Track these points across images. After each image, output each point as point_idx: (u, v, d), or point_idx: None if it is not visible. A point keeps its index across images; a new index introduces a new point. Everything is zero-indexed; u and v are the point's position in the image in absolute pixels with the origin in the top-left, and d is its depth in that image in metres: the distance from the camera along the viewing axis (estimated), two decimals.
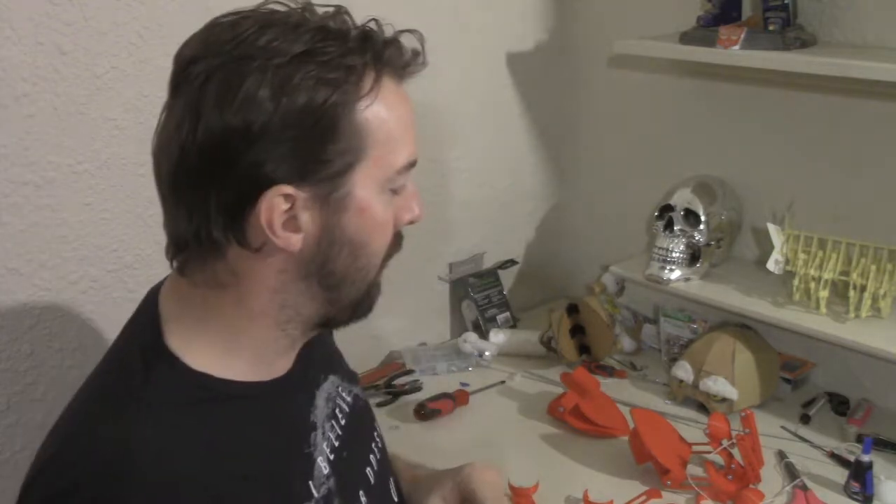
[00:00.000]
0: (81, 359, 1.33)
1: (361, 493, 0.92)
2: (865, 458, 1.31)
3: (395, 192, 0.82)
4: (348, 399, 0.98)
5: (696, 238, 1.60)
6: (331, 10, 0.78)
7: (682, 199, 1.62)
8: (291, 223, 0.76)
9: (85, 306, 1.33)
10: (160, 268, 1.39)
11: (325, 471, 0.87)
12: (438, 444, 1.47)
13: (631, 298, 1.89)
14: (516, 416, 1.59)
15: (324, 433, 0.89)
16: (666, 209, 1.64)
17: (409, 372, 1.72)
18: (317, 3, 0.81)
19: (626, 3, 1.82)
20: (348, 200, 0.77)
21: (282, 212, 0.75)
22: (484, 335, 1.83)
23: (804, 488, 1.35)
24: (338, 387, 0.97)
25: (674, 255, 1.61)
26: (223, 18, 0.77)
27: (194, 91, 0.74)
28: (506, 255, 2.00)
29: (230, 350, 0.82)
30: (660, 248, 1.62)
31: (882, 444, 1.45)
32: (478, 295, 1.89)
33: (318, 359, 0.94)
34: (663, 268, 1.62)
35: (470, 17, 1.76)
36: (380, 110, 0.77)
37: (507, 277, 1.99)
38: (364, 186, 0.78)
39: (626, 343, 1.81)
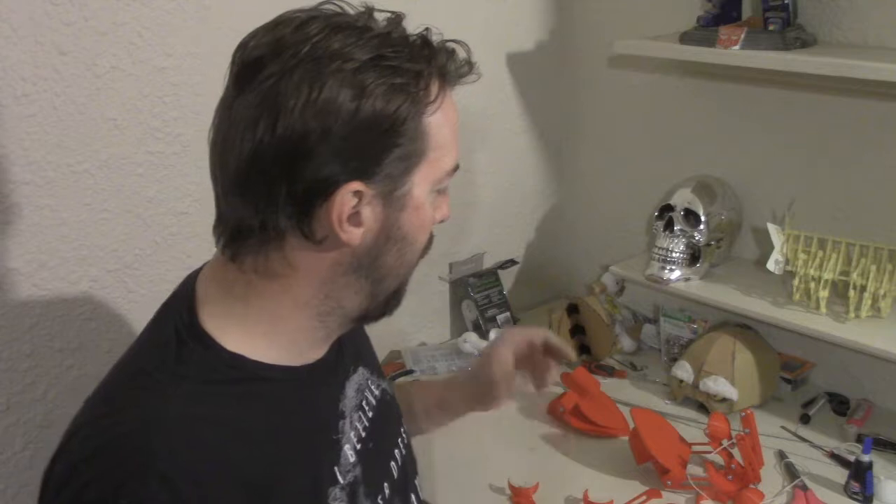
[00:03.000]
0: (81, 359, 1.33)
1: (386, 485, 0.94)
2: (865, 458, 1.31)
3: (438, 193, 0.86)
4: (376, 392, 1.00)
5: (696, 238, 1.60)
6: (391, 15, 0.82)
7: (682, 199, 1.62)
8: (355, 218, 0.79)
9: (85, 306, 1.33)
10: (160, 268, 1.40)
11: (352, 459, 0.89)
12: (438, 443, 1.47)
13: (631, 298, 1.89)
14: (516, 416, 1.59)
15: (351, 422, 0.91)
16: (666, 209, 1.64)
17: (409, 372, 1.72)
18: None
19: (626, 4, 1.82)
20: (407, 199, 0.81)
21: (350, 207, 0.78)
22: (484, 335, 1.84)
23: (804, 488, 1.35)
24: (367, 379, 0.99)
25: (674, 255, 1.61)
26: (290, 16, 0.79)
27: (269, 89, 0.76)
28: (506, 255, 2.00)
29: (266, 335, 0.83)
30: (660, 248, 1.62)
31: (882, 444, 1.45)
32: (478, 295, 1.89)
33: (349, 349, 0.97)
34: (663, 268, 1.62)
35: (470, 17, 1.76)
36: (440, 116, 0.81)
37: (507, 277, 1.99)
38: (420, 186, 0.82)
39: (626, 343, 1.81)
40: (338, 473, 0.86)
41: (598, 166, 2.00)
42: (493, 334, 1.81)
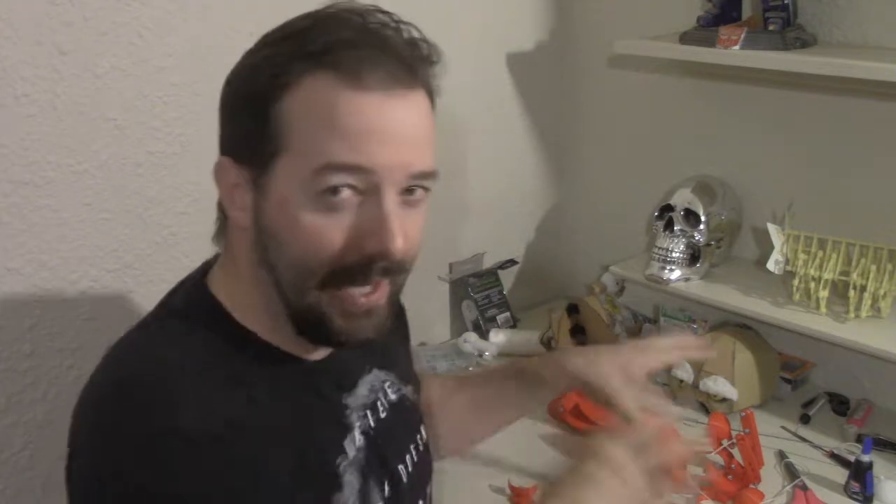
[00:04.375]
0: (81, 359, 1.33)
1: (386, 482, 0.92)
2: (865, 458, 1.31)
3: (333, 201, 0.75)
4: (393, 397, 0.98)
5: (696, 238, 1.60)
6: (392, 21, 0.79)
7: (682, 199, 1.62)
8: (240, 199, 0.80)
9: (85, 306, 1.33)
10: (160, 268, 1.40)
11: (360, 443, 0.89)
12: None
13: (631, 298, 1.89)
14: None
15: (359, 416, 0.91)
16: (666, 209, 1.64)
17: None
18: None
19: (626, 3, 1.82)
20: (269, 188, 0.78)
21: (230, 184, 0.80)
22: (484, 335, 1.83)
23: (804, 488, 1.35)
24: (384, 382, 0.98)
25: (674, 255, 1.61)
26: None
27: None
28: (506, 255, 2.00)
29: (266, 319, 0.84)
30: (660, 248, 1.62)
31: (882, 444, 1.45)
32: (478, 295, 1.89)
33: (369, 351, 0.95)
34: (663, 268, 1.62)
35: (470, 17, 1.76)
36: (311, 104, 0.75)
37: (507, 277, 1.99)
38: (282, 179, 0.77)
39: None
40: (346, 447, 0.86)
41: (598, 166, 2.00)
42: (493, 334, 1.81)
